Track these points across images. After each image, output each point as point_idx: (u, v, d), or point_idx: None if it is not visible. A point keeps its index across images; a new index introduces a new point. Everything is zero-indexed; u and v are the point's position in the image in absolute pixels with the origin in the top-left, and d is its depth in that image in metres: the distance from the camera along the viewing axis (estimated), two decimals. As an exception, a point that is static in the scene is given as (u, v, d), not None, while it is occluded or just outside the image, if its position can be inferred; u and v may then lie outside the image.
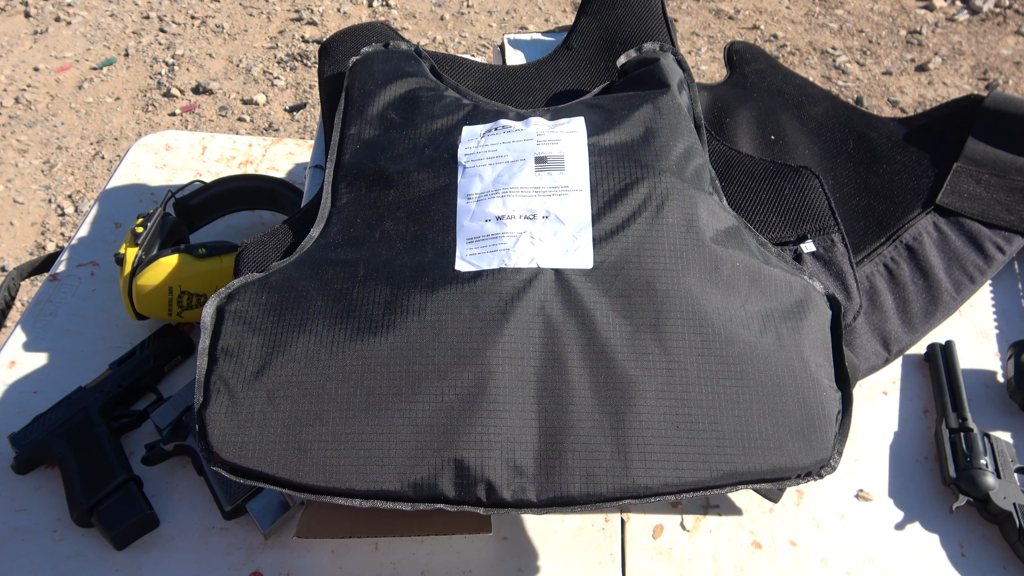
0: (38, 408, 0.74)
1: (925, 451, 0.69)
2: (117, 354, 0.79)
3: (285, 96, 2.29)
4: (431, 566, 0.63)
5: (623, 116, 0.64)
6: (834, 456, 0.54)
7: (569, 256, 0.56)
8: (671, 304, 0.54)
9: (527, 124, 0.64)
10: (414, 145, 0.64)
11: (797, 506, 0.66)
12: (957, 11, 2.41)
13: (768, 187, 0.72)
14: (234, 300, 0.58)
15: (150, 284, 0.76)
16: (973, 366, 0.74)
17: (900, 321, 0.73)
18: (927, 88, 2.18)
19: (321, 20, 2.53)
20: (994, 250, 0.77)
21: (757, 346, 0.54)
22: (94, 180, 2.08)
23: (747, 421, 0.52)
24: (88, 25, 2.55)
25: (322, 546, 0.64)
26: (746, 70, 0.91)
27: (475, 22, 2.51)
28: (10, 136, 2.19)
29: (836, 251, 0.68)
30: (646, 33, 0.81)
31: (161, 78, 2.34)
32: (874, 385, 0.73)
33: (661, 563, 0.63)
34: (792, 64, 2.29)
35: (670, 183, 0.58)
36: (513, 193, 0.58)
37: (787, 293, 0.58)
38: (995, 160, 0.82)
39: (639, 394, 0.52)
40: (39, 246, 1.94)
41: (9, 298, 0.85)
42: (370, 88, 0.69)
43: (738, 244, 0.59)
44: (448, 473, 0.51)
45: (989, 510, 0.63)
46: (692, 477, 0.51)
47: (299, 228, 0.65)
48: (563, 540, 0.64)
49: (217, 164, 1.05)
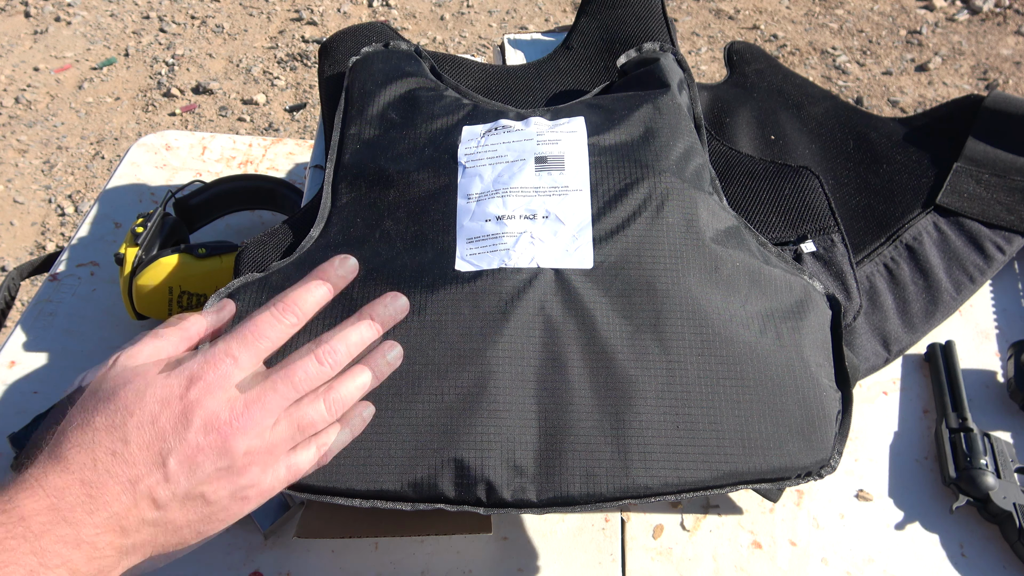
0: (38, 408, 0.74)
1: (925, 451, 0.69)
2: (117, 354, 0.79)
3: (285, 96, 2.29)
4: (431, 566, 0.63)
5: (623, 116, 0.64)
6: (834, 456, 0.54)
7: (569, 256, 0.56)
8: (671, 304, 0.55)
9: (527, 124, 0.64)
10: (414, 145, 0.64)
11: (797, 506, 0.66)
12: (957, 11, 2.41)
13: (768, 187, 0.72)
14: (234, 300, 0.58)
15: (150, 284, 0.76)
16: (973, 366, 0.74)
17: (900, 321, 0.73)
18: (927, 88, 2.18)
19: (321, 20, 2.53)
20: (994, 250, 0.77)
21: (757, 346, 0.54)
22: (94, 180, 2.09)
23: (747, 421, 0.52)
24: (88, 25, 2.55)
25: (322, 546, 0.64)
26: (746, 70, 0.91)
27: (475, 22, 2.51)
28: (10, 136, 2.19)
29: (836, 251, 0.68)
30: (646, 33, 0.81)
31: (161, 78, 2.34)
32: (874, 385, 0.73)
33: (661, 563, 0.63)
34: (792, 64, 2.29)
35: (670, 183, 0.59)
36: (513, 193, 0.58)
37: (787, 293, 0.58)
38: (995, 160, 0.82)
39: (639, 394, 0.52)
40: (39, 246, 1.94)
41: (9, 298, 0.85)
42: (370, 88, 0.69)
43: (738, 244, 0.59)
44: (448, 473, 0.51)
45: (989, 510, 0.63)
46: (692, 477, 0.51)
47: (299, 228, 0.65)
48: (563, 540, 0.64)
49: (217, 164, 1.05)
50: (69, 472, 0.37)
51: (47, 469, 0.37)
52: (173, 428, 0.38)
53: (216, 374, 0.39)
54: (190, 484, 0.38)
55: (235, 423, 0.39)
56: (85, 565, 0.36)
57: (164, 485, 0.38)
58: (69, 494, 0.36)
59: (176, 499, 0.38)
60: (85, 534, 0.36)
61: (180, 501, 0.38)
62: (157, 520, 0.38)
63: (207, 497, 0.39)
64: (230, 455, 0.39)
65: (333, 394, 0.43)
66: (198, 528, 0.40)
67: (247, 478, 0.40)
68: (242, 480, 0.39)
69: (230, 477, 0.39)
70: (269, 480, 0.41)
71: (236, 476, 0.39)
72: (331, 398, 0.42)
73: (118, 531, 0.37)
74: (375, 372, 0.44)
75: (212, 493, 0.39)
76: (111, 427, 0.38)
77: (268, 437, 0.40)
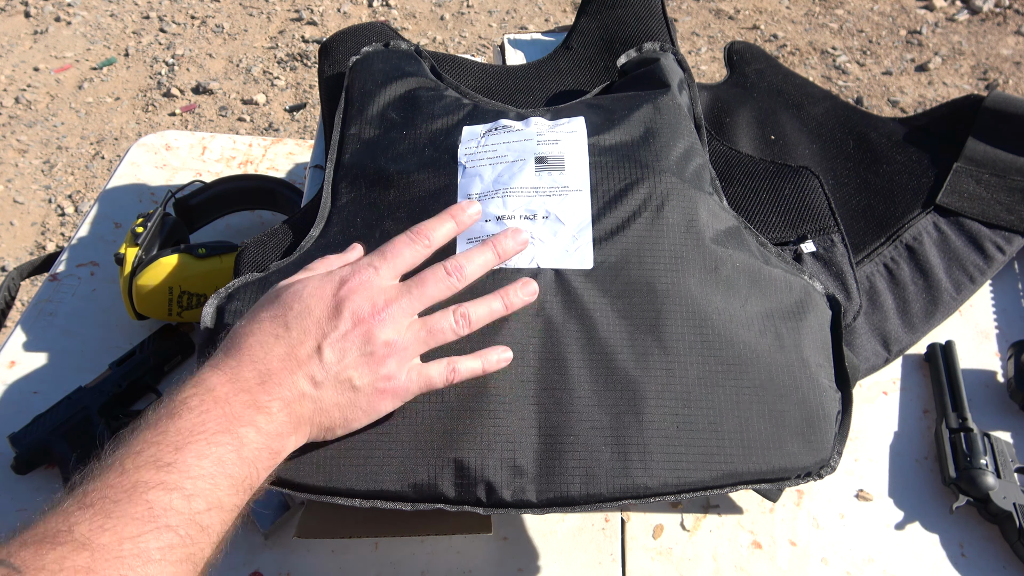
0: (38, 408, 0.74)
1: (925, 451, 0.69)
2: (117, 354, 0.79)
3: (285, 96, 2.29)
4: (431, 566, 0.63)
5: (623, 116, 0.64)
6: (834, 456, 0.54)
7: (569, 257, 0.56)
8: (671, 305, 0.55)
9: (527, 124, 0.64)
10: (414, 145, 0.64)
11: (797, 506, 0.66)
12: (957, 11, 2.41)
13: (768, 187, 0.72)
14: (234, 300, 0.57)
15: (150, 284, 0.76)
16: (973, 366, 0.74)
17: (900, 321, 0.73)
18: (927, 88, 2.18)
19: (321, 20, 2.53)
20: (994, 250, 0.77)
21: (757, 346, 0.54)
22: (94, 180, 2.09)
23: (747, 421, 0.52)
24: (88, 25, 2.55)
25: (322, 546, 0.64)
26: (746, 70, 0.91)
27: (475, 22, 2.51)
28: (10, 136, 2.19)
29: (836, 251, 0.68)
30: (646, 33, 0.81)
31: (161, 78, 2.34)
32: (874, 385, 0.73)
33: (661, 563, 0.63)
34: (792, 64, 2.29)
35: (670, 183, 0.58)
36: (513, 193, 0.58)
37: (787, 293, 0.58)
38: (995, 160, 0.82)
39: (639, 395, 0.52)
40: (39, 246, 1.94)
41: (9, 298, 0.86)
42: (370, 88, 0.69)
43: (738, 244, 0.59)
44: (448, 473, 0.51)
45: (989, 510, 0.63)
46: (692, 477, 0.51)
47: (299, 228, 0.65)
48: (563, 540, 0.64)
49: (217, 164, 1.05)
50: (241, 353, 0.44)
51: (224, 354, 0.45)
52: (327, 318, 0.45)
53: (360, 279, 0.47)
54: (340, 366, 0.45)
55: (376, 317, 0.45)
56: (265, 425, 0.43)
57: (320, 365, 0.45)
58: (243, 370, 0.44)
59: (329, 378, 0.45)
60: (261, 400, 0.43)
61: (332, 382, 0.45)
62: (315, 397, 0.45)
63: (353, 381, 0.45)
64: (372, 343, 0.45)
65: (461, 309, 0.48)
66: (346, 413, 0.46)
67: (386, 368, 0.46)
68: (382, 369, 0.46)
69: (372, 364, 0.45)
70: (404, 378, 0.47)
71: (377, 364, 0.45)
72: (459, 312, 0.48)
73: (285, 401, 0.44)
74: (506, 302, 0.49)
75: (358, 378, 0.45)
76: (274, 318, 0.46)
77: (404, 334, 0.46)
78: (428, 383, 0.47)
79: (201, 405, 0.41)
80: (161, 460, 0.38)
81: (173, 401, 0.42)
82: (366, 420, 0.47)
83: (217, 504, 0.39)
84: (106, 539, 0.35)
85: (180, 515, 0.37)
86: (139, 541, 0.36)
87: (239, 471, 0.41)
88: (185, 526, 0.37)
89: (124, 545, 0.35)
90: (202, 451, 0.40)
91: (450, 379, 0.48)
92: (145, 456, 0.39)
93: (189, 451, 0.39)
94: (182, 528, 0.37)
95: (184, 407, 0.41)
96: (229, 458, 0.40)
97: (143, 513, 0.36)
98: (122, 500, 0.37)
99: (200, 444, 0.40)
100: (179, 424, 0.40)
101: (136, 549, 0.35)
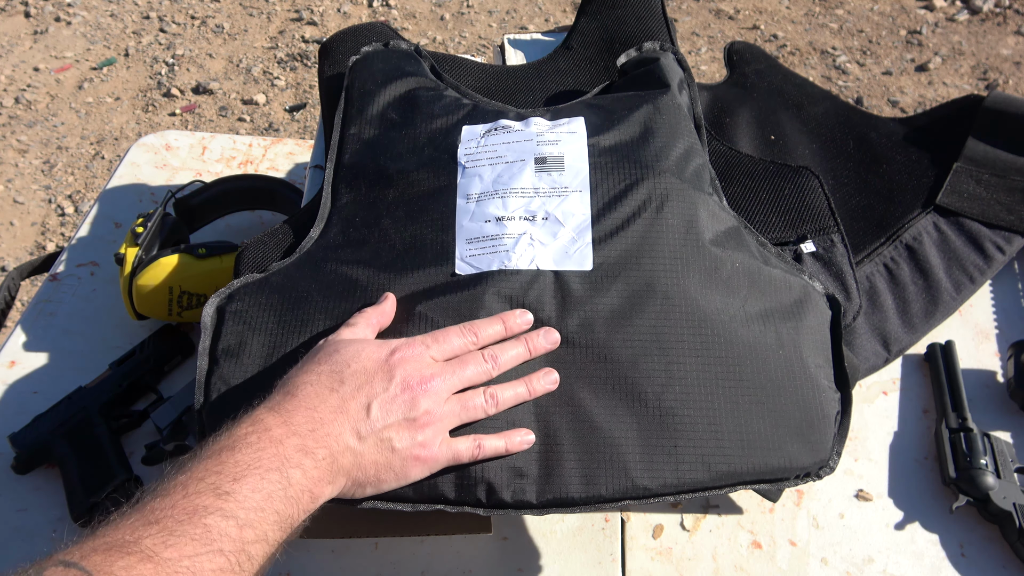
0: (38, 408, 0.74)
1: (925, 451, 0.69)
2: (117, 354, 0.79)
3: (285, 96, 2.29)
4: (431, 566, 0.63)
5: (623, 116, 0.64)
6: (833, 457, 0.54)
7: (569, 258, 0.56)
8: (670, 305, 0.54)
9: (527, 124, 0.64)
10: (414, 145, 0.64)
11: (797, 506, 0.66)
12: (957, 11, 2.41)
13: (768, 187, 0.72)
14: (234, 300, 0.58)
15: (150, 284, 0.76)
16: (973, 366, 0.74)
17: (900, 321, 0.73)
18: (927, 88, 2.18)
19: (321, 20, 2.53)
20: (994, 250, 0.77)
21: (756, 347, 0.54)
22: (94, 180, 2.08)
23: (746, 422, 0.52)
24: (88, 25, 2.54)
25: (322, 546, 0.64)
26: (746, 70, 0.91)
27: (475, 22, 2.51)
28: (10, 136, 2.19)
29: (836, 251, 0.68)
30: (646, 33, 0.81)
31: (161, 78, 2.34)
32: (874, 385, 0.73)
33: (661, 563, 0.63)
34: (792, 64, 2.29)
35: (670, 184, 0.58)
36: (513, 194, 0.58)
37: (787, 293, 0.58)
38: (995, 160, 0.82)
39: (638, 395, 0.52)
40: (39, 246, 1.94)
41: (9, 298, 0.86)
42: (370, 88, 0.69)
43: (738, 245, 0.59)
44: (448, 474, 0.51)
45: (989, 510, 0.63)
46: (691, 478, 0.51)
47: (299, 228, 0.65)
48: (563, 540, 0.64)
49: (217, 164, 1.05)
50: (298, 400, 0.47)
51: (281, 398, 0.48)
52: (379, 380, 0.49)
53: (414, 351, 0.51)
54: (383, 424, 0.48)
55: (421, 387, 0.49)
56: (311, 469, 0.45)
57: (366, 420, 0.48)
58: (298, 415, 0.47)
59: (372, 435, 0.48)
60: (309, 445, 0.46)
61: (375, 439, 0.48)
62: (357, 451, 0.48)
63: (393, 443, 0.48)
64: (415, 409, 0.49)
65: (491, 390, 0.52)
66: (380, 473, 0.48)
67: (423, 435, 0.49)
68: (419, 436, 0.49)
69: (412, 429, 0.48)
70: (437, 447, 0.49)
71: (416, 430, 0.49)
72: (489, 392, 0.51)
73: (330, 450, 0.47)
74: (529, 388, 0.52)
75: (397, 440, 0.48)
76: (332, 372, 0.49)
77: (442, 407, 0.50)
78: (456, 456, 0.50)
79: (258, 442, 0.44)
80: (221, 488, 0.42)
81: (232, 436, 0.45)
82: (395, 484, 0.49)
83: (263, 537, 0.42)
84: (169, 554, 0.38)
85: (233, 542, 0.40)
86: (196, 560, 0.39)
87: (284, 508, 0.44)
88: (235, 553, 0.40)
89: (183, 562, 0.38)
90: (256, 485, 0.43)
91: (475, 455, 0.50)
92: (207, 483, 0.42)
93: (246, 483, 0.42)
94: (232, 555, 0.40)
95: (243, 442, 0.44)
96: (278, 495, 0.43)
97: (202, 535, 0.40)
98: (184, 521, 0.40)
99: (255, 478, 0.43)
100: (237, 457, 0.43)
101: (193, 567, 0.38)
